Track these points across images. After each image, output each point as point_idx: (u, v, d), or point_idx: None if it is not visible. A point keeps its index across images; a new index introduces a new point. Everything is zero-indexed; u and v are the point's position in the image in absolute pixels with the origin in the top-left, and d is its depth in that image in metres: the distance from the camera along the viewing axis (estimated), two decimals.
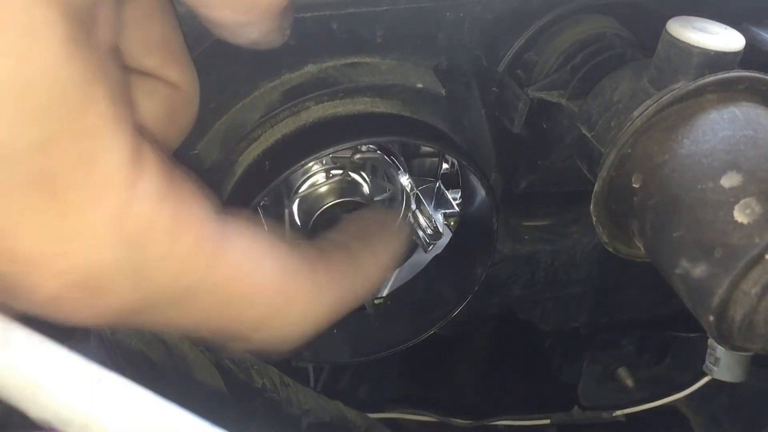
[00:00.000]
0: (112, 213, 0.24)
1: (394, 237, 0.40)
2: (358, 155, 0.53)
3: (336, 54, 0.48)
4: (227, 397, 0.53)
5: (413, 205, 0.57)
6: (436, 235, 0.57)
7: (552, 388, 0.91)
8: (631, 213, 0.40)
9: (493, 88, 0.53)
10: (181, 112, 0.34)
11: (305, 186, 0.52)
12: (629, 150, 0.41)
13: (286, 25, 0.35)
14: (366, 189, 0.54)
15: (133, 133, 0.25)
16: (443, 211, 0.58)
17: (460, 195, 0.58)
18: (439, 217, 0.57)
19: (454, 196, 0.58)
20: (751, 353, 0.53)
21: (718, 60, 0.39)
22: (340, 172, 0.53)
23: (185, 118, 0.35)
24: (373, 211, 0.51)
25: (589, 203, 0.42)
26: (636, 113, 0.40)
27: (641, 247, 0.41)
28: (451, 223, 0.59)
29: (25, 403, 0.23)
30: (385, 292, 0.62)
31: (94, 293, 0.25)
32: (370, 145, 0.53)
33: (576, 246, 0.65)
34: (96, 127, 0.24)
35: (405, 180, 0.56)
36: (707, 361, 0.66)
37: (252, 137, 0.47)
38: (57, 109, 0.23)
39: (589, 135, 0.45)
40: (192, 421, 0.24)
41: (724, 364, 0.65)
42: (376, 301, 0.60)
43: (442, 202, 0.58)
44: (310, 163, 0.51)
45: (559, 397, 0.84)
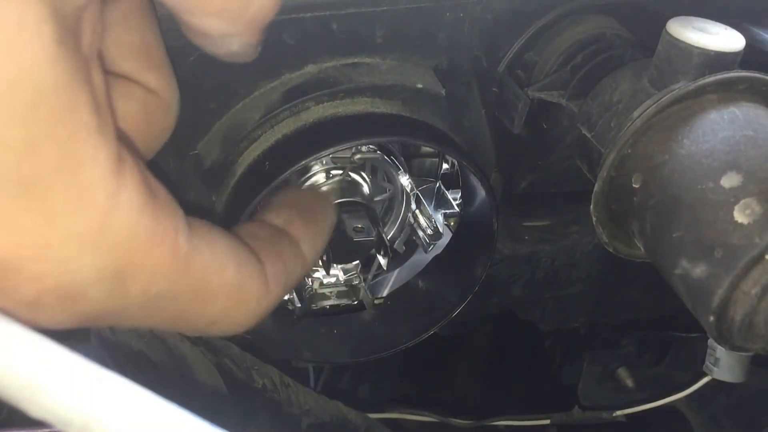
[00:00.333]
0: (94, 222, 0.24)
1: (325, 217, 0.42)
2: (358, 155, 0.53)
3: (336, 54, 0.48)
4: (227, 397, 0.53)
5: (413, 206, 0.57)
6: (436, 235, 0.57)
7: (552, 388, 0.91)
8: (631, 213, 0.40)
9: (493, 89, 0.53)
10: (157, 119, 0.34)
11: (305, 186, 0.52)
12: (629, 150, 0.41)
13: (261, 40, 0.35)
14: (366, 189, 0.54)
15: (115, 141, 0.25)
16: (443, 211, 0.58)
17: (460, 195, 0.58)
18: (439, 217, 0.57)
19: (454, 197, 0.58)
20: (751, 353, 0.53)
21: (718, 60, 0.39)
22: (340, 172, 0.52)
23: (162, 125, 0.34)
24: (301, 191, 0.51)
25: (589, 203, 0.42)
26: (636, 113, 0.40)
27: (641, 248, 0.41)
28: (451, 223, 0.59)
29: (25, 403, 0.23)
30: (385, 292, 0.62)
31: (69, 299, 0.25)
32: (370, 146, 0.53)
33: (576, 246, 0.64)
34: (78, 134, 0.24)
35: (405, 180, 0.56)
36: (707, 361, 0.66)
37: (252, 137, 0.47)
38: (42, 110, 0.23)
39: (589, 135, 0.45)
40: (192, 421, 0.24)
41: (724, 365, 0.65)
42: (376, 301, 0.60)
43: (442, 203, 0.58)
44: (310, 164, 0.51)
45: (559, 397, 0.84)
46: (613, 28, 0.51)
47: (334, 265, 0.57)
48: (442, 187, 0.58)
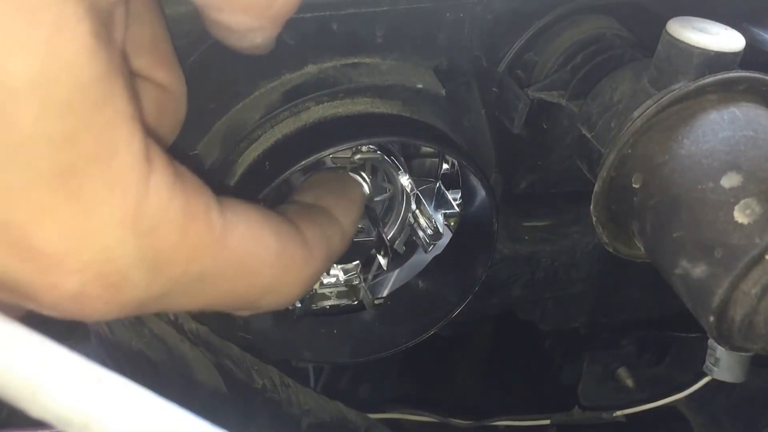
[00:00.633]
0: (129, 207, 0.25)
1: (354, 190, 0.44)
2: (359, 155, 0.53)
3: (336, 54, 0.48)
4: (227, 397, 0.53)
5: (413, 206, 0.57)
6: (437, 235, 0.57)
7: (552, 388, 0.91)
8: (631, 213, 0.40)
9: (493, 89, 0.53)
10: (169, 113, 0.34)
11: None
12: (629, 150, 0.41)
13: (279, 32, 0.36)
14: (366, 189, 0.54)
15: (143, 128, 0.26)
16: (443, 211, 0.58)
17: (460, 195, 0.58)
18: (439, 217, 0.57)
19: (454, 197, 0.58)
20: (751, 354, 0.53)
21: (718, 60, 0.39)
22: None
23: (174, 119, 0.35)
24: (327, 172, 0.52)
25: (589, 203, 0.42)
26: (636, 113, 0.40)
27: (641, 248, 0.41)
28: (452, 223, 0.59)
29: (25, 403, 0.23)
30: (385, 292, 0.62)
31: (113, 287, 0.26)
32: (370, 146, 0.53)
33: (576, 246, 0.65)
34: (114, 123, 0.24)
35: (405, 180, 0.56)
36: (707, 361, 0.66)
37: (252, 137, 0.47)
38: (80, 103, 0.23)
39: (589, 135, 0.45)
40: (192, 421, 0.24)
41: (724, 365, 0.65)
42: (377, 301, 0.60)
43: (442, 203, 0.58)
44: (311, 164, 0.51)
45: (560, 398, 0.84)
46: (613, 28, 0.51)
47: (334, 265, 0.57)
48: (442, 187, 0.58)
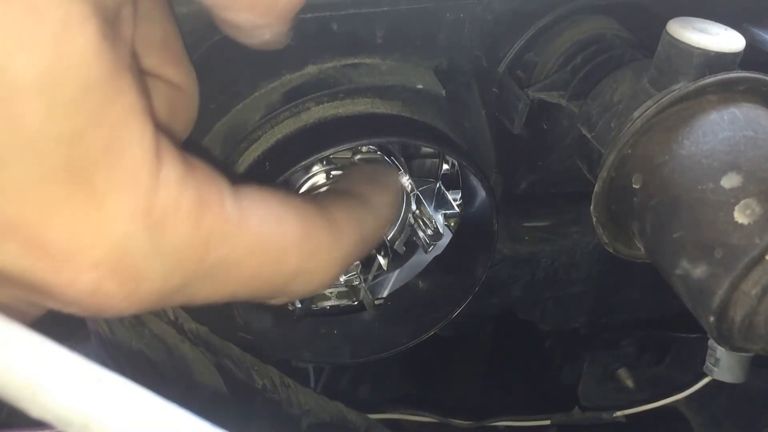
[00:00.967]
0: (141, 200, 0.25)
1: (393, 179, 0.43)
2: (359, 156, 0.53)
3: (336, 55, 0.48)
4: (227, 397, 0.53)
5: (413, 206, 0.57)
6: (437, 235, 0.57)
7: (552, 388, 0.91)
8: (632, 214, 0.40)
9: (494, 89, 0.53)
10: (181, 111, 0.35)
11: (306, 186, 0.52)
12: (629, 151, 0.41)
13: (291, 27, 0.36)
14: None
15: (153, 123, 0.26)
16: (443, 211, 0.58)
17: (460, 196, 0.58)
18: (439, 217, 0.57)
19: (454, 197, 0.58)
20: (751, 354, 0.53)
21: (718, 61, 0.39)
22: (341, 172, 0.52)
23: (186, 117, 0.35)
24: (367, 163, 0.52)
25: (589, 204, 0.42)
26: (636, 114, 0.40)
27: (641, 248, 0.41)
28: (452, 223, 0.59)
29: (25, 403, 0.23)
30: (385, 293, 0.62)
31: (130, 281, 0.26)
32: (371, 146, 0.53)
33: (576, 246, 0.64)
34: (123, 119, 0.25)
35: (405, 181, 0.55)
36: (707, 361, 0.66)
37: (252, 138, 0.47)
38: (88, 101, 0.23)
39: (589, 136, 0.45)
40: (192, 421, 0.24)
41: (725, 365, 0.65)
42: (377, 301, 0.60)
43: (442, 203, 0.58)
44: (311, 164, 0.51)
45: (560, 398, 0.84)
46: (614, 28, 0.51)
47: None
48: (443, 187, 0.58)
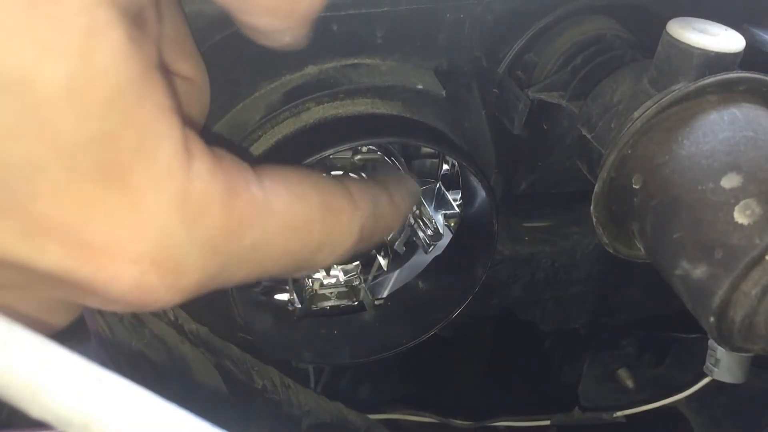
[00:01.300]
0: (175, 195, 0.26)
1: (408, 177, 0.44)
2: (359, 156, 0.53)
3: (336, 55, 0.48)
4: (227, 397, 0.53)
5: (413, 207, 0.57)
6: (437, 236, 0.57)
7: (552, 388, 0.91)
8: (632, 214, 0.40)
9: (494, 89, 0.53)
10: (195, 104, 0.35)
11: None
12: (629, 151, 0.41)
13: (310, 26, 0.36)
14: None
15: (181, 118, 0.27)
16: (443, 212, 0.58)
17: (460, 196, 0.58)
18: (439, 218, 0.57)
19: (454, 197, 0.58)
20: (751, 354, 0.53)
21: (718, 61, 0.39)
22: (341, 173, 0.53)
23: (199, 110, 0.36)
24: (387, 171, 0.54)
25: (590, 204, 0.42)
26: (636, 114, 0.40)
27: (641, 248, 0.41)
28: (452, 224, 0.59)
29: (25, 404, 0.23)
30: (385, 293, 0.62)
31: (171, 273, 0.26)
32: (371, 146, 0.53)
33: (576, 247, 0.65)
34: (154, 117, 0.25)
35: None
36: (707, 362, 0.66)
37: (252, 138, 0.47)
38: (118, 103, 0.24)
39: (589, 136, 0.45)
40: (192, 422, 0.24)
41: (725, 365, 0.65)
42: (377, 302, 0.60)
43: (442, 203, 0.58)
44: (311, 164, 0.51)
45: (560, 398, 0.84)
46: (614, 29, 0.51)
47: (335, 265, 0.57)
48: (443, 187, 0.58)
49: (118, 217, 0.25)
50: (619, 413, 0.79)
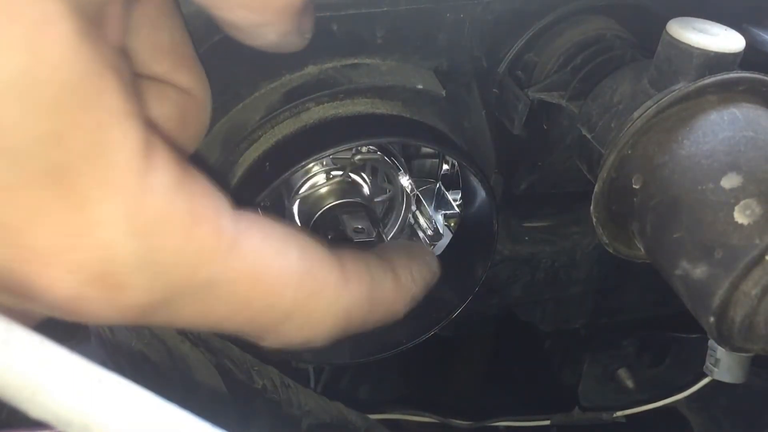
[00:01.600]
0: (125, 205, 0.24)
1: (423, 251, 0.40)
2: (359, 156, 0.53)
3: (336, 55, 0.48)
4: (227, 397, 0.53)
5: (413, 206, 0.57)
6: (437, 236, 0.57)
7: (552, 389, 0.91)
8: (632, 214, 0.40)
9: (494, 89, 0.53)
10: (193, 117, 0.34)
11: (305, 187, 0.52)
12: (629, 151, 0.41)
13: (307, 27, 0.35)
14: (366, 190, 0.54)
15: (143, 126, 0.25)
16: (443, 212, 0.58)
17: (460, 196, 0.58)
18: (439, 218, 0.57)
19: (454, 197, 0.58)
20: (751, 354, 0.53)
21: (718, 61, 0.39)
22: (341, 173, 0.53)
23: (198, 123, 0.35)
24: (403, 241, 0.51)
25: (590, 204, 0.42)
26: (636, 114, 0.40)
27: (641, 248, 0.41)
28: (452, 224, 0.59)
29: (25, 404, 0.23)
30: None
31: (111, 289, 0.25)
32: (371, 146, 0.53)
33: (576, 247, 0.64)
34: (106, 120, 0.24)
35: (405, 181, 0.56)
36: (707, 362, 0.66)
37: (252, 138, 0.47)
38: (67, 102, 0.23)
39: (589, 136, 0.45)
40: (192, 422, 0.24)
41: (725, 365, 0.65)
42: None
43: (442, 203, 0.58)
44: (311, 164, 0.51)
45: (560, 398, 0.84)
46: (614, 29, 0.51)
47: None
48: (443, 187, 0.58)
49: (62, 224, 0.23)
50: (619, 413, 0.78)
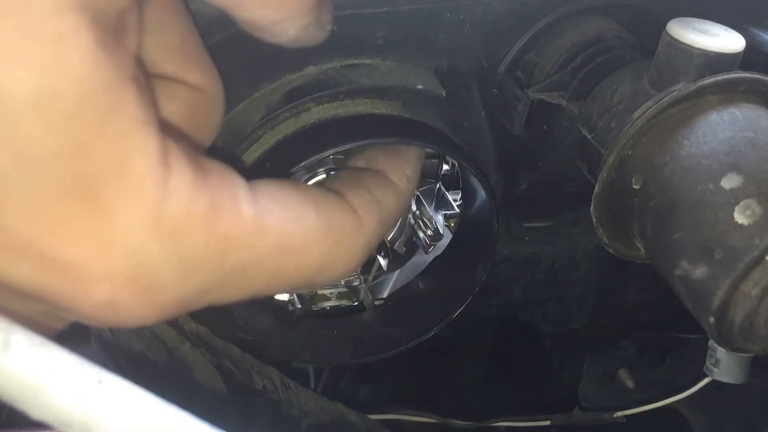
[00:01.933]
0: (150, 210, 0.25)
1: (409, 151, 0.42)
2: None
3: (336, 55, 0.48)
4: (227, 398, 0.53)
5: (414, 207, 0.57)
6: (437, 236, 0.57)
7: (552, 389, 0.91)
8: (632, 214, 0.40)
9: (494, 90, 0.53)
10: (205, 115, 0.34)
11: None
12: (629, 151, 0.41)
13: (326, 19, 0.35)
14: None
15: (160, 132, 0.26)
16: (444, 212, 0.58)
17: (460, 196, 0.58)
18: (439, 218, 0.57)
19: (454, 198, 0.58)
20: (751, 354, 0.53)
21: (718, 61, 0.39)
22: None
23: (211, 120, 0.35)
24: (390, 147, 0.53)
25: (590, 204, 0.42)
26: (636, 114, 0.40)
27: (641, 249, 0.41)
28: (452, 224, 0.59)
29: (25, 404, 0.23)
30: (385, 293, 0.61)
31: (146, 291, 0.25)
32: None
33: (576, 247, 0.65)
34: (127, 130, 0.24)
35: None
36: (708, 362, 0.66)
37: (252, 138, 0.47)
38: (88, 114, 0.23)
39: (589, 136, 0.45)
40: (192, 423, 0.24)
41: (725, 366, 0.65)
42: (377, 302, 0.60)
43: (442, 204, 0.58)
44: (311, 165, 0.51)
45: (560, 399, 0.84)
46: (614, 29, 0.51)
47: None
48: (443, 188, 0.58)
49: (90, 234, 0.24)
50: (619, 413, 0.79)
